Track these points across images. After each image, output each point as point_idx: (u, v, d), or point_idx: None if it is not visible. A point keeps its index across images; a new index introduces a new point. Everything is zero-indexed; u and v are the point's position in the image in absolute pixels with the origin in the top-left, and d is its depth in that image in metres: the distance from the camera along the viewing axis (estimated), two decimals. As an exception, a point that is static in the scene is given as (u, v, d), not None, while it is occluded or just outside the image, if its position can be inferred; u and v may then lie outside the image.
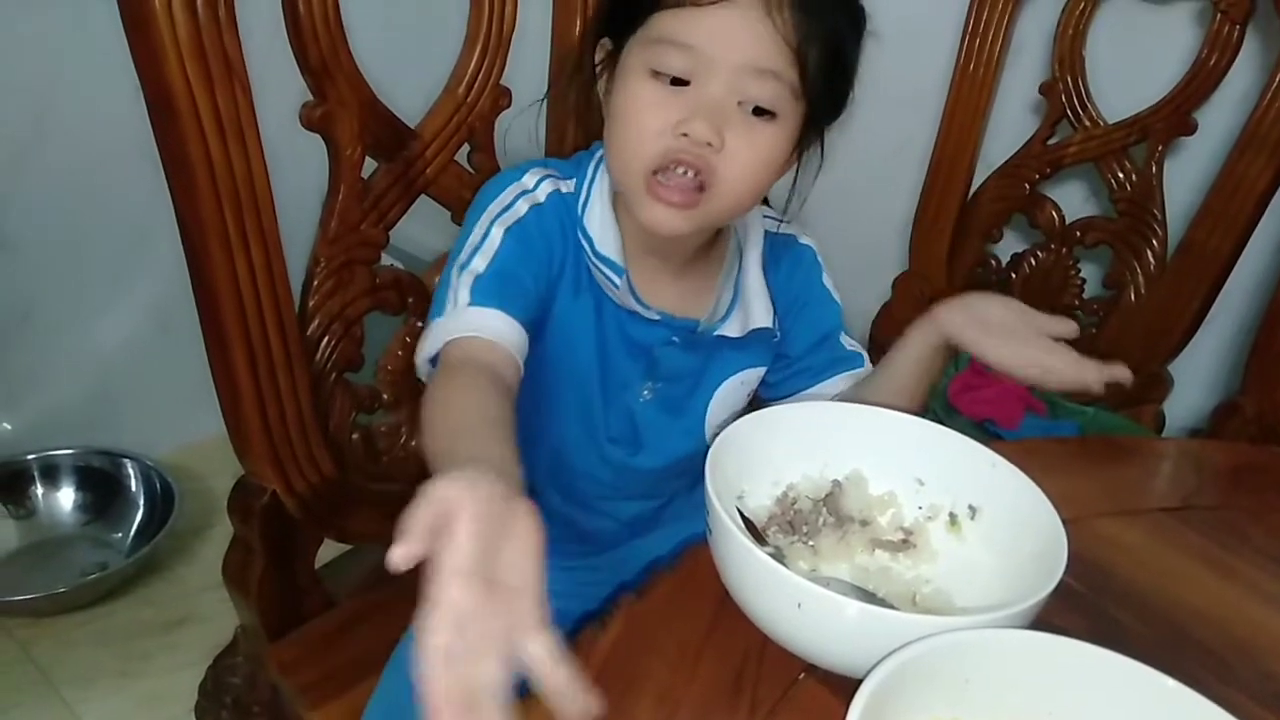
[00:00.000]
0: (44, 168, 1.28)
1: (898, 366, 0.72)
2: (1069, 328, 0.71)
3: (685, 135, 0.60)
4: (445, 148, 0.82)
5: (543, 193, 0.69)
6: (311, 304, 0.77)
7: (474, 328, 0.61)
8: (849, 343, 0.80)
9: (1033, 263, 1.29)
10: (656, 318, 0.71)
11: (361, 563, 0.90)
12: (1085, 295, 1.27)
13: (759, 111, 0.62)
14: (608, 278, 0.68)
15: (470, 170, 0.85)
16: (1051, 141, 1.24)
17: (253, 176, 0.67)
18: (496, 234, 0.66)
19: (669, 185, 0.61)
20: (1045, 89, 1.23)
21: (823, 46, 0.61)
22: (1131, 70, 1.21)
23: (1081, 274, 1.27)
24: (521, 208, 0.68)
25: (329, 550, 0.87)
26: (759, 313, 0.74)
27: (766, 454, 0.58)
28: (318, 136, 0.74)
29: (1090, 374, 0.68)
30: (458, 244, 0.69)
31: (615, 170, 0.66)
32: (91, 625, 1.27)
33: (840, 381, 0.78)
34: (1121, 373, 0.67)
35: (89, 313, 1.40)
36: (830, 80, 0.64)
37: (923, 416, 1.32)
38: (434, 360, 0.63)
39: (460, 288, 0.64)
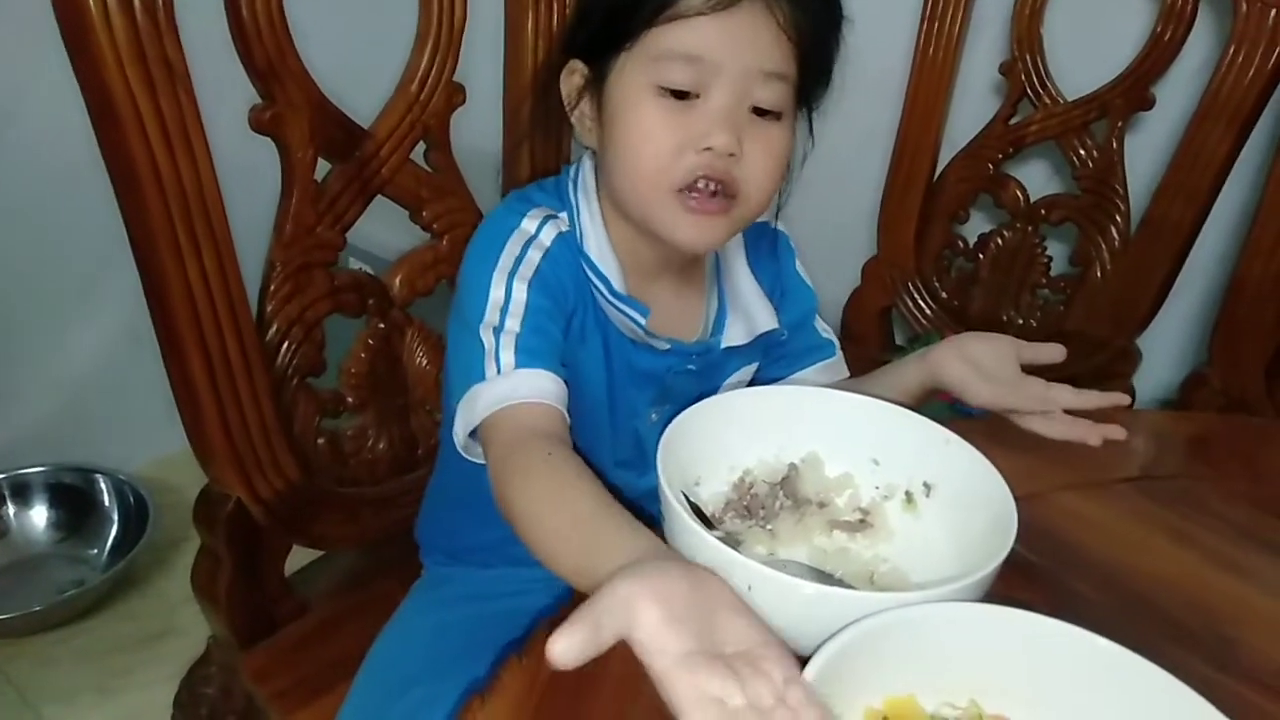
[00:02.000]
0: (7, 180, 1.27)
1: (885, 392, 0.72)
2: (1056, 353, 0.72)
3: (708, 149, 0.59)
4: (400, 147, 0.81)
5: (547, 237, 0.66)
6: (269, 309, 0.76)
7: (530, 393, 0.59)
8: (823, 328, 0.81)
9: (999, 242, 1.30)
10: (667, 347, 0.69)
11: (333, 568, 0.90)
12: (1052, 273, 1.28)
13: (762, 112, 0.61)
14: (630, 318, 0.66)
15: (427, 169, 0.84)
16: (1013, 121, 1.25)
17: (201, 182, 0.66)
18: (520, 291, 0.63)
19: (701, 198, 0.60)
20: (1005, 69, 1.24)
21: (815, 36, 0.62)
22: (1089, 47, 1.22)
23: (1048, 252, 1.28)
24: (534, 257, 0.64)
25: (301, 557, 0.87)
26: (762, 317, 0.73)
27: (722, 440, 0.58)
28: (270, 140, 0.74)
29: (1059, 432, 0.66)
30: (470, 300, 0.64)
31: (634, 196, 0.63)
32: (70, 643, 1.26)
33: (813, 372, 0.78)
34: (1115, 432, 0.65)
35: (57, 328, 1.39)
36: (821, 68, 0.64)
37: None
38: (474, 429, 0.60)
39: (503, 350, 0.61)
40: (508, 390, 0.59)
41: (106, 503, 1.38)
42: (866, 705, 0.43)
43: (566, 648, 0.38)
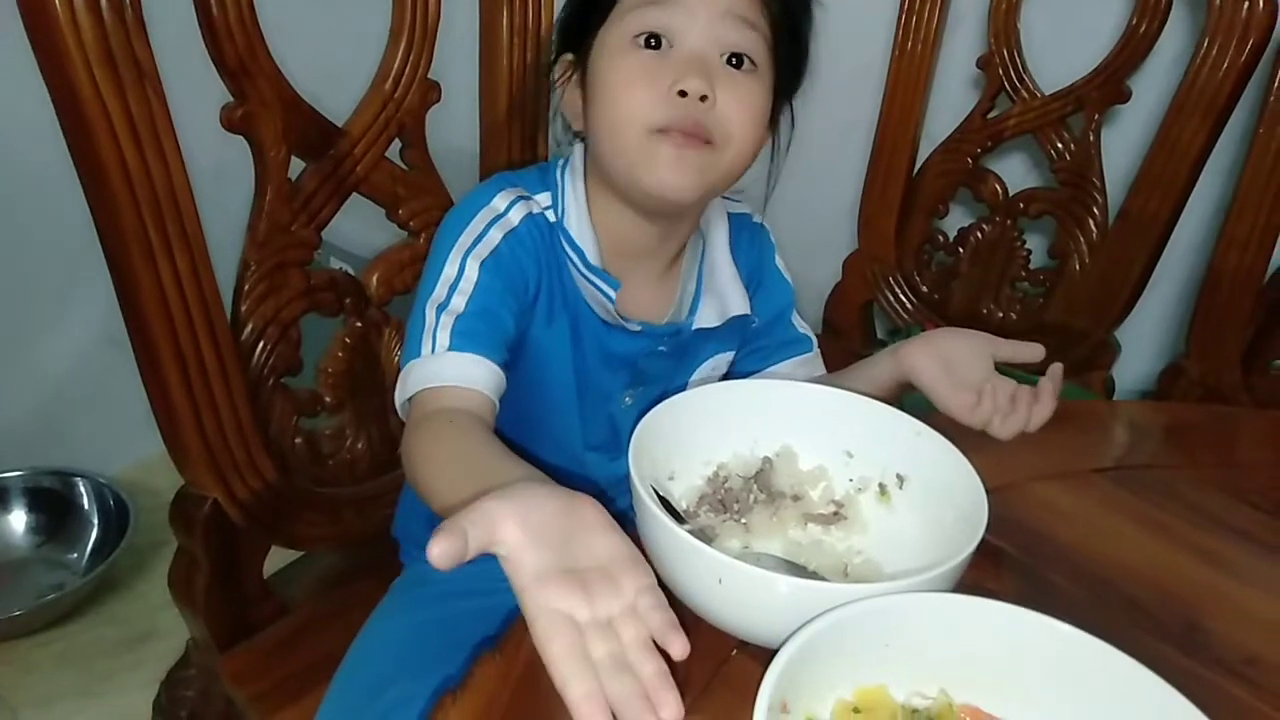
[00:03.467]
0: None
1: (858, 387, 0.72)
2: (1035, 352, 0.73)
3: (681, 94, 0.60)
4: (375, 144, 0.81)
5: (516, 216, 0.66)
6: (244, 309, 0.76)
7: (454, 377, 0.60)
8: (800, 324, 0.81)
9: (979, 236, 1.30)
10: (638, 329, 0.70)
11: (312, 569, 0.89)
12: (1031, 266, 1.28)
13: (737, 64, 0.63)
14: (601, 292, 0.67)
15: (403, 167, 0.84)
16: (991, 115, 1.26)
17: (172, 182, 0.65)
18: (472, 269, 0.64)
19: (678, 134, 0.61)
20: (983, 63, 1.24)
21: (782, 5, 0.64)
22: (1066, 41, 1.23)
23: (1027, 245, 1.28)
24: (495, 237, 0.65)
25: (280, 558, 0.87)
26: (735, 300, 0.73)
27: (696, 434, 0.58)
28: (243, 139, 0.73)
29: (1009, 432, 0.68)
30: (428, 274, 0.66)
31: (616, 147, 0.64)
32: (51, 647, 1.25)
33: (788, 366, 0.79)
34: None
35: (34, 331, 1.38)
36: (793, 39, 0.66)
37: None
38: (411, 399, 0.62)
39: (440, 330, 0.62)
40: (435, 371, 0.61)
41: (86, 506, 1.37)
42: (837, 697, 0.43)
43: (440, 553, 0.40)
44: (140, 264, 0.65)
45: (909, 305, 1.35)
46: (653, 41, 0.62)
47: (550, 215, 0.68)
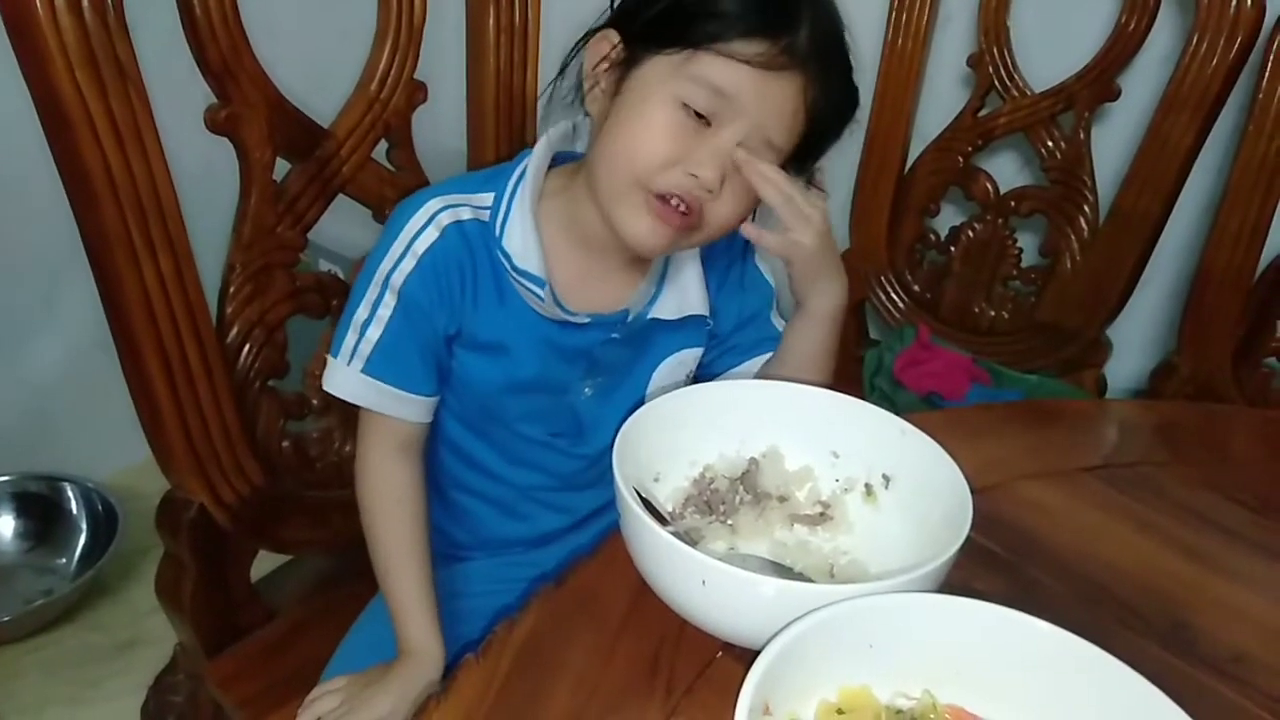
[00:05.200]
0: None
1: (798, 355, 0.73)
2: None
3: (693, 176, 0.61)
4: (360, 146, 0.81)
5: (437, 228, 0.67)
6: (229, 311, 0.76)
7: (380, 405, 0.69)
8: (778, 322, 0.81)
9: (970, 235, 1.30)
10: (586, 320, 0.70)
11: (300, 573, 0.89)
12: (1023, 264, 1.28)
13: None
14: (531, 291, 0.67)
15: (390, 168, 0.84)
16: (982, 113, 1.25)
17: (156, 184, 0.65)
18: (390, 299, 0.67)
19: (668, 209, 0.62)
20: (973, 61, 1.24)
21: (825, 125, 0.64)
22: (1055, 39, 1.22)
23: (1018, 244, 1.28)
24: (408, 264, 0.67)
25: (268, 562, 0.86)
26: (694, 299, 0.73)
27: (682, 435, 0.58)
28: (227, 140, 0.73)
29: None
30: (359, 279, 0.69)
31: (611, 180, 0.64)
32: (39, 653, 1.24)
33: (750, 364, 0.79)
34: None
35: (21, 335, 1.37)
36: (819, 148, 0.67)
37: (868, 393, 1.32)
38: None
39: (362, 345, 0.68)
40: (357, 392, 0.68)
41: (74, 511, 1.36)
42: (821, 697, 0.43)
43: None
44: (124, 267, 0.65)
45: (901, 304, 1.34)
46: (698, 113, 0.61)
47: (485, 216, 0.69)
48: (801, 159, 0.66)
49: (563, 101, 0.71)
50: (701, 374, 0.80)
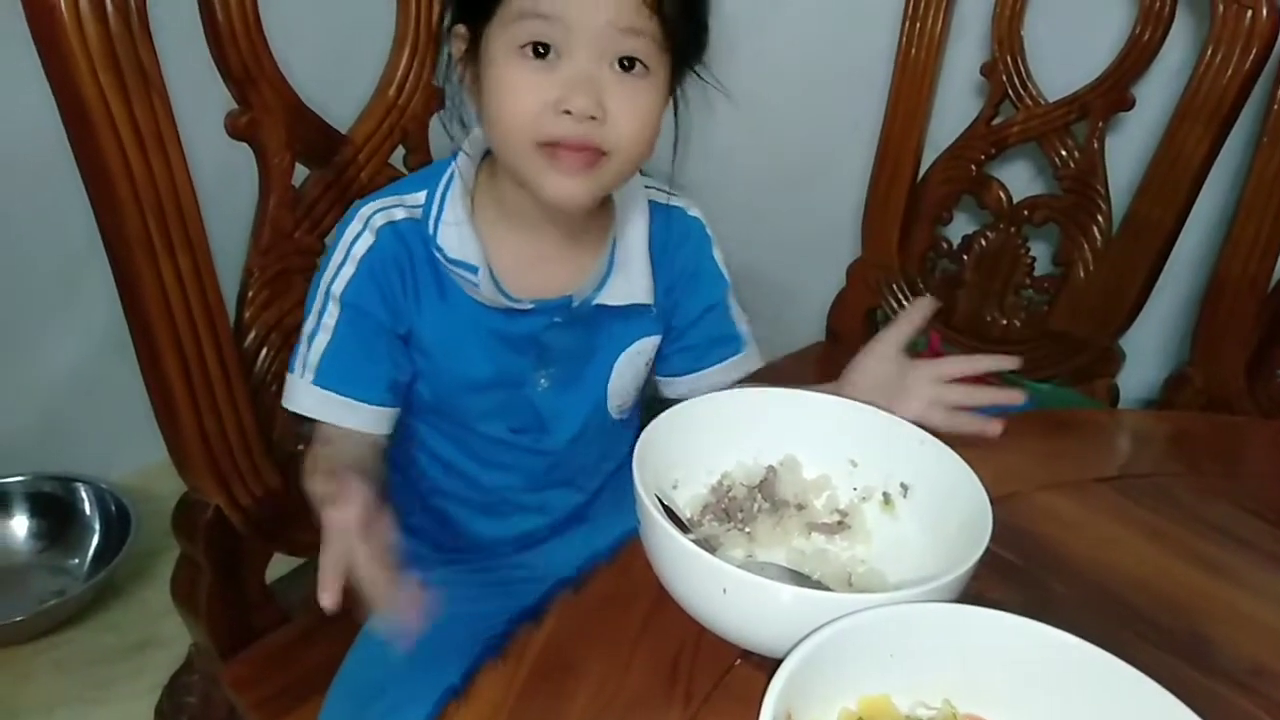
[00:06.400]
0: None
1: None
2: (923, 306, 0.73)
3: (567, 112, 0.59)
4: (378, 152, 0.82)
5: (372, 231, 0.68)
6: (248, 315, 0.76)
7: (327, 416, 0.69)
8: (736, 318, 0.80)
9: (983, 243, 1.30)
10: (530, 306, 0.70)
11: (315, 575, 0.89)
12: (1036, 273, 1.28)
13: (628, 67, 0.61)
14: (465, 278, 0.68)
15: (406, 173, 0.84)
16: (995, 122, 1.25)
17: (176, 187, 0.65)
18: (333, 308, 0.68)
19: (566, 153, 0.61)
20: (986, 70, 1.24)
21: (674, 5, 0.61)
22: (1069, 48, 1.22)
23: (1031, 253, 1.28)
24: (348, 270, 0.68)
25: (283, 564, 0.86)
26: (639, 288, 0.73)
27: (699, 443, 0.58)
28: (247, 145, 0.73)
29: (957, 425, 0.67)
30: (310, 291, 0.70)
31: (505, 152, 0.64)
32: (51, 653, 1.24)
33: (718, 372, 0.79)
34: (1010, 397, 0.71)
35: (36, 335, 1.38)
36: (690, 21, 0.64)
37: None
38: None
39: (311, 355, 0.69)
40: (310, 405, 0.69)
41: (88, 512, 1.37)
42: (841, 706, 0.43)
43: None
44: (144, 269, 0.65)
45: (912, 312, 1.34)
46: (540, 49, 0.60)
47: (418, 214, 0.69)
48: (683, 23, 0.63)
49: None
50: (662, 371, 0.80)
